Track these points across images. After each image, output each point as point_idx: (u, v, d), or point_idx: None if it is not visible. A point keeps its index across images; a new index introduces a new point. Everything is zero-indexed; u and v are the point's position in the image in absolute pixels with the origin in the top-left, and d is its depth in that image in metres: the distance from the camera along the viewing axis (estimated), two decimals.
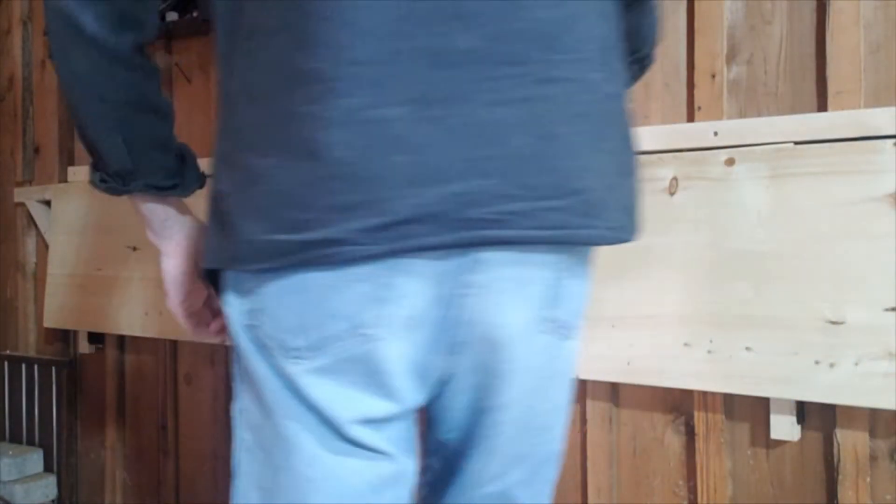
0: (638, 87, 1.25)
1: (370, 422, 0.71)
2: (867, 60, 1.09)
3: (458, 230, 0.63)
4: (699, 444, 1.20)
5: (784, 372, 1.03)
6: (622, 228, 0.72)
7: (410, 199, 0.62)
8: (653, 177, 1.13)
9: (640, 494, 1.26)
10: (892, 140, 0.99)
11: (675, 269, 1.11)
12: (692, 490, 1.22)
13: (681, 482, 1.23)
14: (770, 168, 1.06)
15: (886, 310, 0.97)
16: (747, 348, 1.05)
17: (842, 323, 1.00)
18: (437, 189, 0.62)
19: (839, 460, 1.11)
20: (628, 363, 1.15)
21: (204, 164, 1.30)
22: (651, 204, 1.03)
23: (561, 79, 0.66)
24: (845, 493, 1.10)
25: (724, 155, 1.10)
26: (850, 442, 1.10)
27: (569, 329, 0.76)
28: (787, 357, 1.03)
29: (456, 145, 0.63)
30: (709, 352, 1.08)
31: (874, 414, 1.09)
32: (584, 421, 1.31)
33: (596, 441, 1.29)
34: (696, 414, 1.21)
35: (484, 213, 0.63)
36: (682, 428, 1.23)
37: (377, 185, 0.61)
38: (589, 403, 1.30)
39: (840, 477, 1.10)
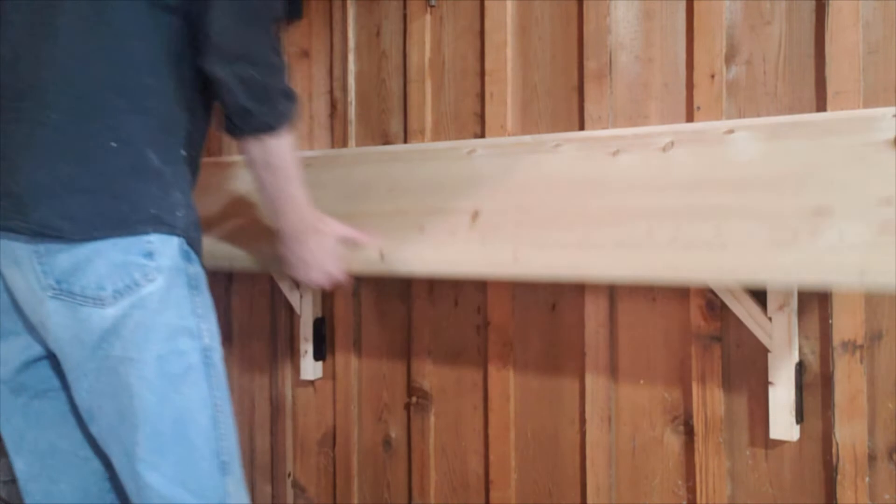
0: (637, 86, 1.25)
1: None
2: (866, 61, 1.09)
3: None
4: (698, 443, 1.21)
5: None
6: (50, 227, 0.94)
7: None
8: None
9: (639, 494, 1.27)
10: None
11: None
12: (691, 490, 1.22)
13: (680, 482, 1.24)
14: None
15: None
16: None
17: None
18: None
19: (838, 460, 1.11)
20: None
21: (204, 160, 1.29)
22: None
23: (22, 119, 0.97)
24: (844, 492, 1.10)
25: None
26: (849, 442, 1.10)
27: (84, 297, 0.96)
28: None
29: None
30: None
31: (873, 414, 1.09)
32: (582, 420, 1.31)
33: (595, 440, 1.30)
34: (694, 413, 1.21)
35: None
36: (681, 427, 1.23)
37: None
38: (588, 402, 1.30)
39: (839, 477, 1.11)
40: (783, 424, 1.12)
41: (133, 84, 0.97)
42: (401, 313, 1.52)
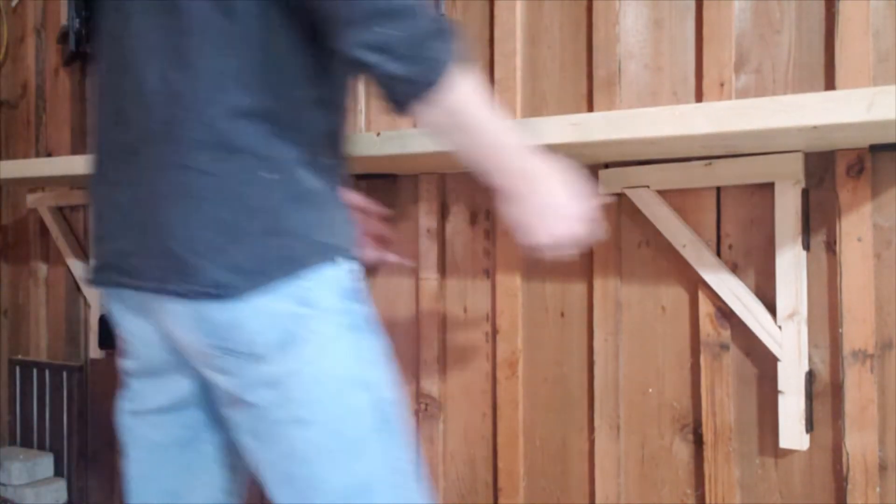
0: (646, 95, 1.25)
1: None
2: (876, 69, 1.08)
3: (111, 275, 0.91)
4: (707, 452, 1.20)
5: None
6: (219, 285, 0.82)
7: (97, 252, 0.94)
8: None
9: (648, 503, 1.26)
10: None
11: None
12: (700, 499, 1.22)
13: (689, 491, 1.23)
14: None
15: None
16: None
17: None
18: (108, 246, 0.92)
19: (848, 470, 1.10)
20: None
21: None
22: None
23: (162, 165, 0.84)
24: (854, 502, 1.09)
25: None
26: (860, 451, 1.09)
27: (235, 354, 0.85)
28: None
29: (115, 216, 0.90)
30: None
31: (884, 423, 1.09)
32: (591, 429, 1.31)
33: (604, 449, 1.29)
34: (704, 422, 1.20)
35: (123, 264, 0.89)
36: (691, 436, 1.23)
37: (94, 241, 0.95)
38: (596, 411, 1.30)
39: (849, 487, 1.10)
40: (793, 433, 1.12)
41: (263, 103, 0.84)
42: (410, 319, 1.52)
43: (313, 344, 0.84)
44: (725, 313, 1.19)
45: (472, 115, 0.83)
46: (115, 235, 0.90)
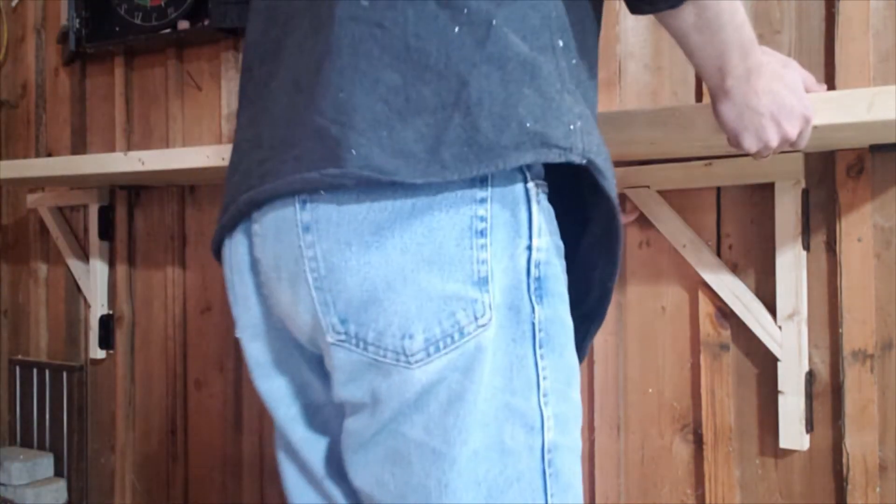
0: (646, 95, 1.25)
1: None
2: (876, 69, 1.08)
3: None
4: (707, 452, 1.20)
5: None
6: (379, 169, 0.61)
7: None
8: None
9: (647, 503, 1.26)
10: None
11: None
12: (700, 499, 1.22)
13: (689, 491, 1.23)
14: None
15: None
16: None
17: None
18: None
19: (848, 470, 1.10)
20: None
21: (202, 151, 1.30)
22: None
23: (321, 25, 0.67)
24: (854, 502, 1.09)
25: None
26: (860, 451, 1.09)
27: (373, 348, 0.65)
28: None
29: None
30: None
31: (884, 424, 1.09)
32: (591, 429, 1.31)
33: (604, 449, 1.29)
34: (704, 422, 1.20)
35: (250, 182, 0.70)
36: (690, 436, 1.23)
37: None
38: (597, 411, 1.30)
39: (849, 487, 1.10)
40: (793, 434, 1.12)
41: None
42: None
43: (482, 348, 0.63)
44: (725, 313, 1.19)
45: (727, 8, 0.71)
46: (246, 152, 0.73)
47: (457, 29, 0.62)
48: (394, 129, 0.61)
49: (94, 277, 1.86)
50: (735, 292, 1.16)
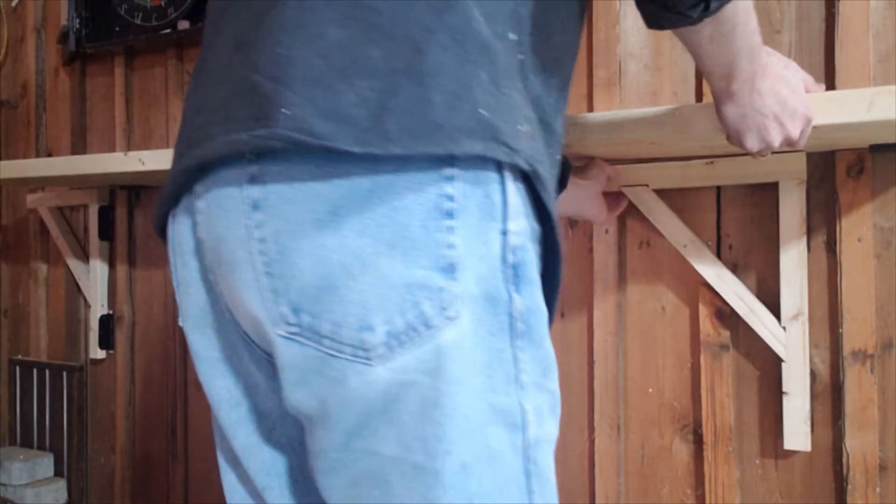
0: (646, 95, 1.25)
1: None
2: (876, 69, 1.08)
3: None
4: (707, 452, 1.20)
5: None
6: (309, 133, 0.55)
7: None
8: None
9: (648, 503, 1.26)
10: None
11: None
12: (700, 499, 1.22)
13: (689, 491, 1.23)
14: None
15: None
16: None
17: None
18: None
19: (848, 470, 1.10)
20: None
21: None
22: None
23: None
24: (854, 503, 1.09)
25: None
26: (860, 452, 1.09)
27: (325, 340, 0.58)
28: None
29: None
30: None
31: (884, 424, 1.09)
32: (591, 429, 1.31)
33: (603, 449, 1.29)
34: (704, 422, 1.20)
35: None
36: (691, 436, 1.23)
37: None
38: (597, 411, 1.30)
39: (849, 487, 1.10)
40: (798, 434, 1.11)
41: None
42: None
43: (453, 344, 0.57)
44: (726, 314, 1.19)
45: (742, 20, 0.69)
46: (187, 121, 0.67)
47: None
48: (332, 89, 0.55)
49: (94, 277, 1.86)
50: (736, 293, 1.15)
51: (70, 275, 1.94)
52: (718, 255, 1.19)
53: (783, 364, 1.12)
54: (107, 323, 1.86)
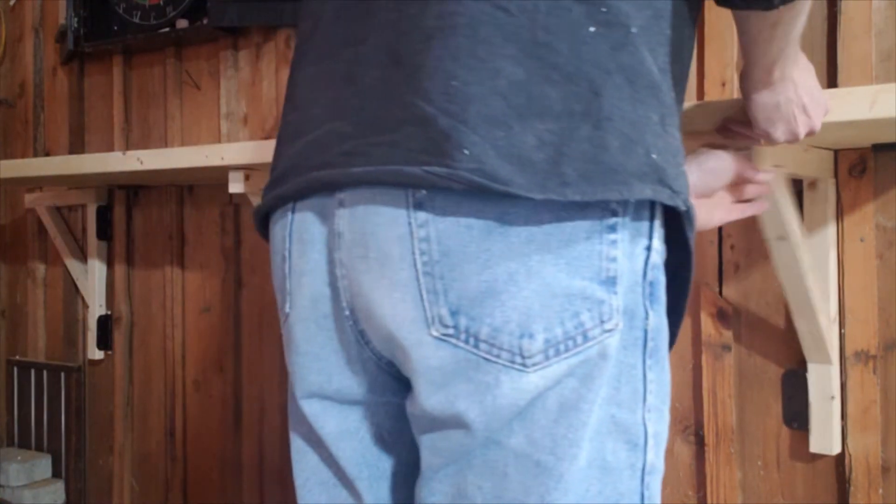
0: None
1: None
2: (878, 68, 1.08)
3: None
4: (709, 454, 1.20)
5: None
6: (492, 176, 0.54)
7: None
8: None
9: None
10: None
11: None
12: (702, 500, 1.21)
13: (690, 492, 1.23)
14: None
15: None
16: None
17: None
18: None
19: (850, 471, 1.10)
20: None
21: (201, 151, 1.29)
22: None
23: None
24: None
25: None
26: (862, 453, 1.09)
27: (483, 344, 0.57)
28: None
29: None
30: None
31: (886, 425, 1.08)
32: None
33: None
34: (705, 423, 1.20)
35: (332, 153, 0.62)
36: (692, 437, 1.22)
37: None
38: None
39: (852, 489, 1.09)
40: (820, 437, 1.11)
41: None
42: None
43: (603, 356, 0.58)
44: (727, 314, 1.18)
45: (807, 9, 0.66)
46: (321, 120, 0.64)
47: (592, 28, 0.56)
48: (511, 130, 0.54)
49: (93, 277, 1.85)
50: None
51: (68, 275, 1.93)
52: (720, 256, 1.19)
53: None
54: (105, 323, 1.85)
